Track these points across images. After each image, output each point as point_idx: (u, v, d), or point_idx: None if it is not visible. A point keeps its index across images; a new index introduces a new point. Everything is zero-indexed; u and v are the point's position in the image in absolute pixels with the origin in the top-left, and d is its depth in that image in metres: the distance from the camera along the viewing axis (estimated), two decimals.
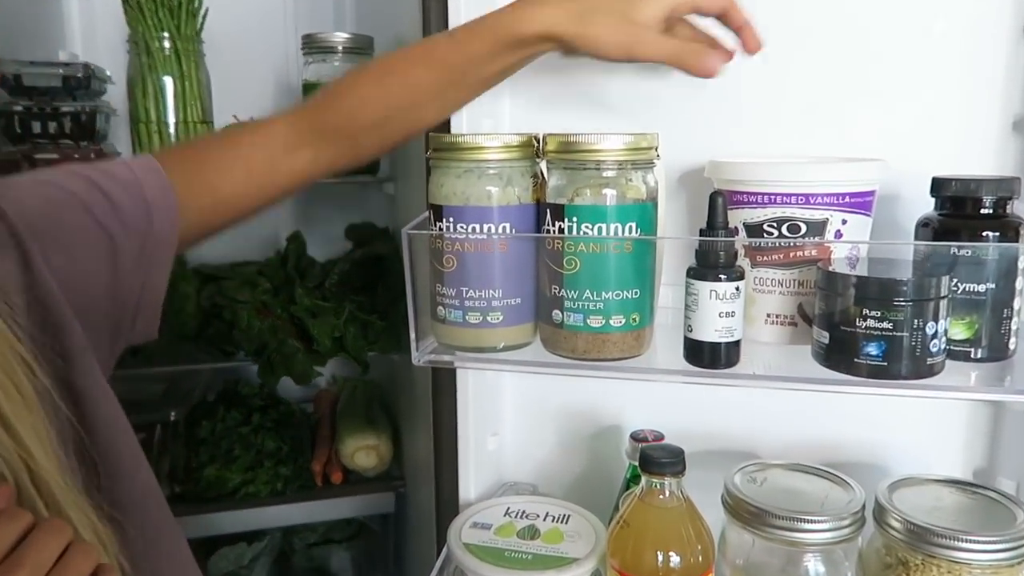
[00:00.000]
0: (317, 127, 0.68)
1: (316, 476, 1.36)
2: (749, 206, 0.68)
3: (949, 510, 0.66)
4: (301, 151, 0.68)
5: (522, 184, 0.66)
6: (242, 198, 0.69)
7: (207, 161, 0.67)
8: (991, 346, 0.63)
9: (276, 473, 1.33)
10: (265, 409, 1.38)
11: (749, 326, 0.70)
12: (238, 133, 0.70)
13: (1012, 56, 0.73)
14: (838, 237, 0.66)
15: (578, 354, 0.65)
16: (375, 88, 0.68)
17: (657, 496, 0.67)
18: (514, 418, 0.91)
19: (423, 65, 0.67)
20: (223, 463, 1.31)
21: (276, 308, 1.25)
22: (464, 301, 0.66)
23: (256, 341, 1.23)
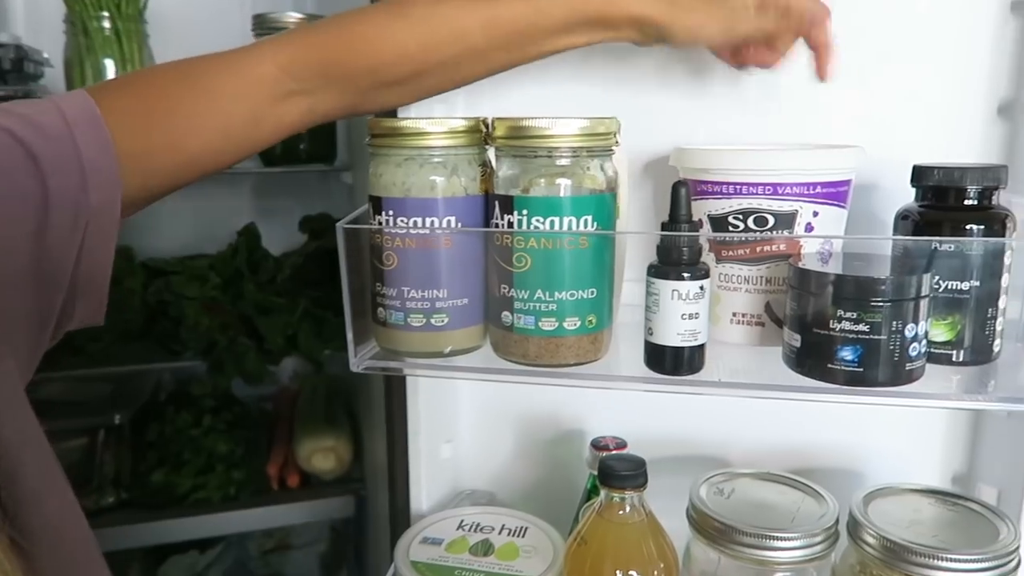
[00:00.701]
0: (323, 73, 0.58)
1: (272, 480, 1.31)
2: (714, 197, 0.62)
3: (928, 523, 0.61)
4: (294, 101, 0.58)
5: (469, 173, 0.61)
6: (213, 156, 0.59)
7: (173, 113, 0.56)
8: (974, 348, 0.58)
9: (229, 477, 1.27)
10: (218, 410, 1.31)
11: (714, 326, 0.65)
12: (213, 76, 0.57)
13: (998, 35, 0.68)
14: (808, 230, 0.60)
15: (529, 359, 0.60)
16: (416, 41, 0.58)
17: (617, 511, 0.62)
18: (470, 423, 0.85)
19: (484, 26, 0.58)
20: (172, 467, 1.25)
21: (226, 304, 1.18)
22: (406, 302, 0.61)
23: (204, 339, 1.17)
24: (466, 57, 0.59)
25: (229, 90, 0.57)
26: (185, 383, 1.40)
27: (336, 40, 0.58)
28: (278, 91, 0.58)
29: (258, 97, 0.58)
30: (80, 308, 0.53)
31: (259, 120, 0.59)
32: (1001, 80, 0.68)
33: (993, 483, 0.71)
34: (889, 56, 0.70)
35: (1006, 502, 0.69)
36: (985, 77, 0.68)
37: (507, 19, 0.58)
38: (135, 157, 0.54)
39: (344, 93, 0.60)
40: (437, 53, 0.58)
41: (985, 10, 0.67)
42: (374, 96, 0.61)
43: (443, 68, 0.59)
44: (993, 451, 0.72)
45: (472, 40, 0.58)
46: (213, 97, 0.57)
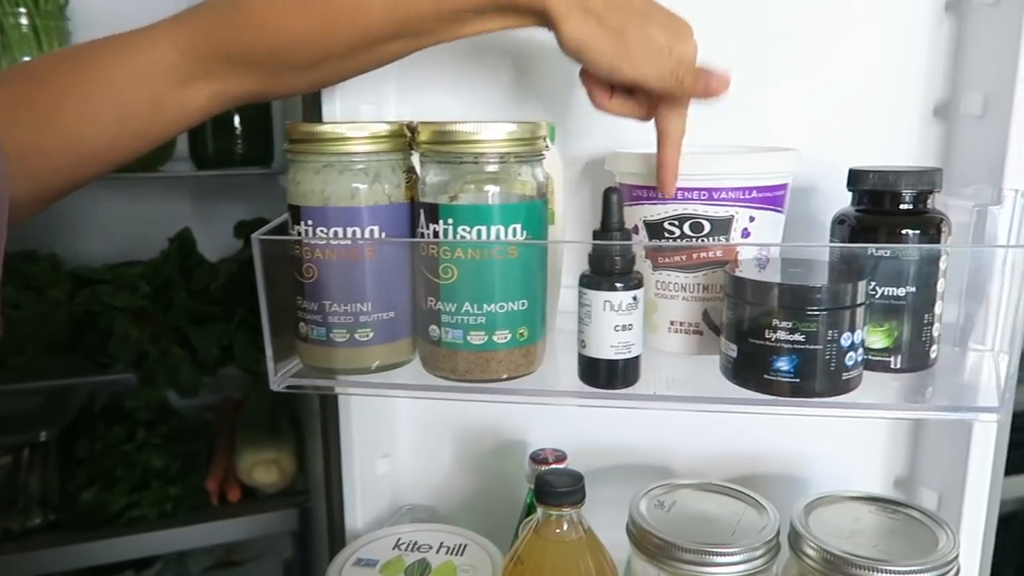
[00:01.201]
0: (220, 54, 0.54)
1: (211, 495, 1.26)
2: (649, 202, 0.60)
3: (868, 533, 0.60)
4: (198, 84, 0.55)
5: (392, 180, 0.58)
6: (114, 148, 0.55)
7: (64, 106, 0.52)
8: (911, 355, 0.57)
9: (165, 493, 1.22)
10: (153, 424, 1.26)
11: (652, 334, 0.63)
12: (108, 63, 0.53)
13: (933, 35, 0.67)
14: (745, 236, 0.59)
15: (459, 375, 0.57)
16: (317, 22, 0.53)
17: (554, 529, 0.59)
18: (408, 437, 0.82)
19: (387, 8, 0.53)
20: (104, 485, 1.19)
21: (156, 314, 1.13)
22: (328, 316, 0.57)
23: (134, 351, 1.11)
24: (370, 39, 0.55)
25: (124, 75, 0.53)
26: (120, 396, 1.34)
27: (232, 22, 0.54)
28: (179, 75, 0.54)
29: (157, 81, 0.54)
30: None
31: (160, 105, 0.55)
32: (937, 81, 0.67)
33: (934, 487, 0.71)
34: (825, 57, 0.69)
35: (947, 506, 0.69)
36: (921, 78, 0.68)
37: (409, 3, 0.54)
38: (24, 155, 0.50)
39: (251, 77, 0.56)
40: (338, 36, 0.54)
41: (920, 10, 0.67)
42: (284, 80, 0.58)
43: (348, 51, 0.56)
44: (933, 455, 0.72)
45: (374, 23, 0.54)
46: (106, 83, 0.53)
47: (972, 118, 0.64)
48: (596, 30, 0.52)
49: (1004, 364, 0.55)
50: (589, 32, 0.52)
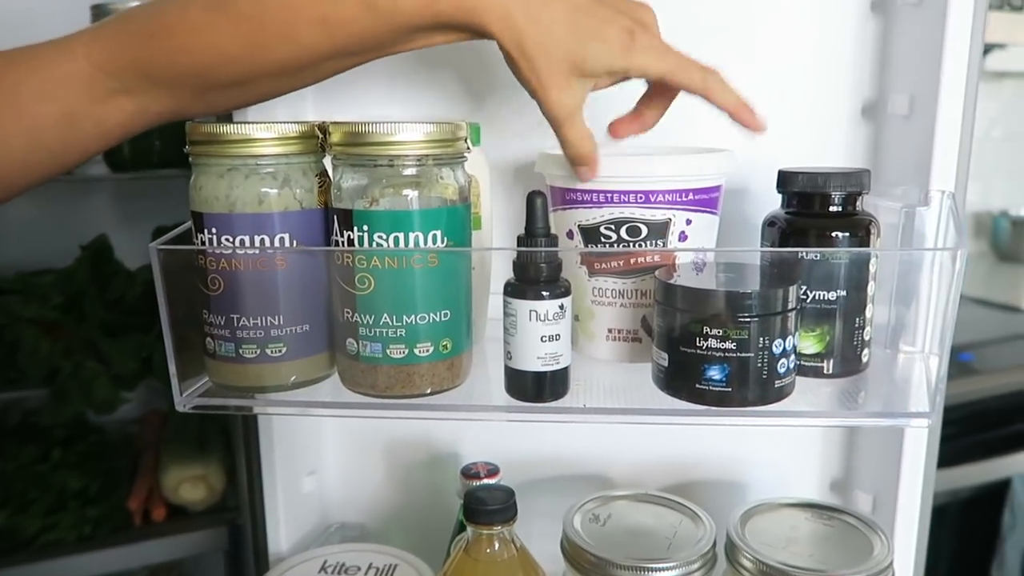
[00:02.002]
0: (143, 73, 0.50)
1: (134, 515, 1.19)
2: (584, 206, 0.58)
3: (804, 541, 0.59)
4: (118, 101, 0.51)
5: (304, 185, 0.54)
6: (20, 167, 0.50)
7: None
8: (843, 359, 0.56)
9: (83, 515, 1.15)
10: (69, 441, 1.19)
11: (589, 342, 0.61)
12: (15, 75, 0.49)
13: (860, 34, 0.66)
14: (682, 239, 0.57)
15: (379, 391, 0.54)
16: (241, 41, 0.49)
17: (485, 549, 0.57)
18: (335, 452, 0.79)
19: (318, 25, 0.49)
20: (16, 508, 1.12)
21: (69, 326, 1.07)
22: (236, 331, 0.54)
23: (45, 365, 1.05)
24: (301, 59, 0.51)
25: (34, 90, 0.49)
26: (33, 413, 1.26)
27: (151, 37, 0.50)
28: (96, 90, 0.50)
29: (70, 97, 0.49)
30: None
31: (75, 123, 0.50)
32: (864, 81, 0.67)
33: (868, 490, 0.71)
34: (752, 56, 0.68)
35: (881, 507, 0.69)
36: (849, 78, 0.67)
37: (341, 20, 0.49)
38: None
39: (173, 94, 0.52)
40: (267, 56, 0.50)
41: (846, 10, 0.66)
42: (210, 98, 0.54)
43: (278, 71, 0.52)
44: (867, 458, 0.72)
45: (304, 41, 0.50)
46: (13, 97, 0.49)
47: (899, 118, 0.64)
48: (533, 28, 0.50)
49: (935, 366, 0.54)
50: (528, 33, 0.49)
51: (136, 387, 1.11)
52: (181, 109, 0.54)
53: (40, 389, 1.14)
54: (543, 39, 0.49)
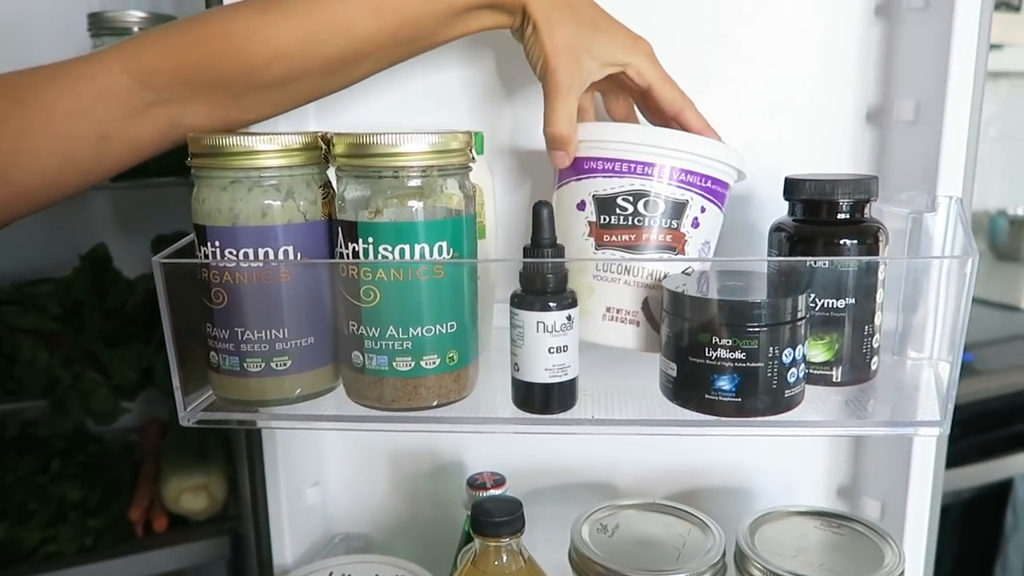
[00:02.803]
0: (186, 79, 0.51)
1: (136, 525, 1.18)
2: (604, 175, 0.56)
3: (814, 550, 0.59)
4: (152, 114, 0.51)
5: (308, 196, 0.54)
6: (51, 186, 0.51)
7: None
8: (852, 367, 0.56)
9: (84, 526, 1.14)
10: (69, 452, 1.18)
11: (585, 322, 0.56)
12: (48, 94, 0.50)
13: (864, 39, 0.66)
14: (695, 225, 0.56)
15: (385, 403, 0.53)
16: (296, 36, 0.51)
17: (493, 561, 0.56)
18: (340, 462, 0.78)
19: (372, 14, 0.52)
20: (16, 520, 1.11)
21: (68, 337, 1.06)
22: (241, 344, 0.53)
23: (44, 377, 1.04)
24: (353, 51, 0.53)
25: (68, 108, 0.49)
26: (32, 424, 1.25)
27: (200, 41, 0.51)
28: (132, 104, 0.50)
29: (105, 113, 0.50)
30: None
31: (108, 139, 0.51)
32: (869, 86, 0.67)
33: (877, 496, 0.70)
34: (758, 61, 0.68)
35: (889, 515, 0.68)
36: (853, 83, 0.67)
37: (394, 7, 0.52)
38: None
39: (214, 102, 0.53)
40: (320, 49, 0.52)
41: (850, 14, 0.66)
42: (250, 103, 0.54)
43: (327, 66, 0.53)
44: (875, 464, 0.71)
45: (358, 31, 0.52)
46: (46, 116, 0.49)
47: (905, 124, 0.63)
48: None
49: (945, 372, 0.54)
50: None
51: (136, 397, 1.11)
52: (215, 119, 0.54)
53: (39, 400, 1.14)
54: (565, 16, 0.55)
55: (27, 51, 1.24)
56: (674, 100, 0.59)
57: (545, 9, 0.55)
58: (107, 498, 1.18)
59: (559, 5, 0.55)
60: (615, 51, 0.56)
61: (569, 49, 0.55)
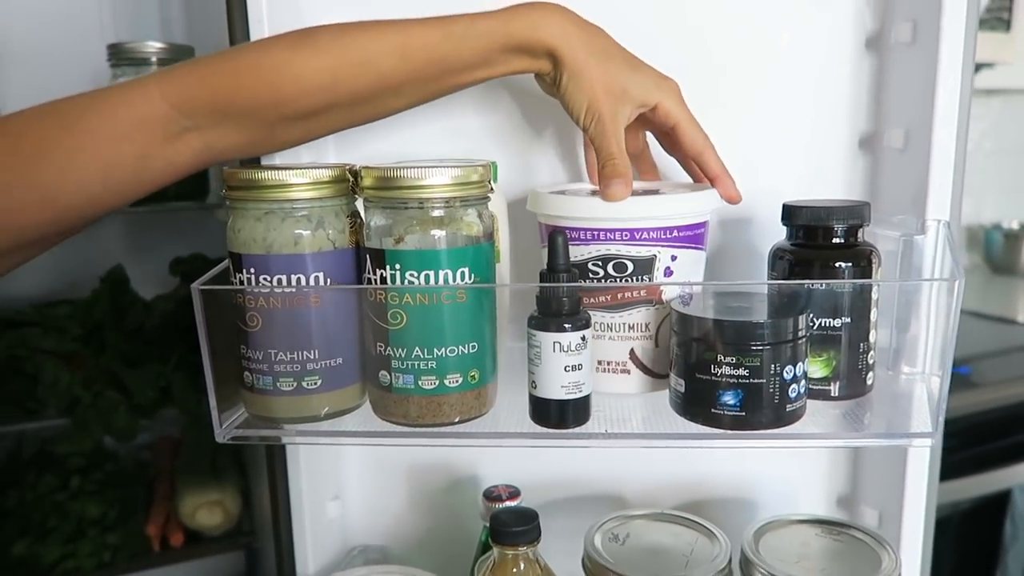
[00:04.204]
0: (219, 108, 0.54)
1: (152, 540, 1.21)
2: (572, 243, 0.59)
3: (815, 557, 0.62)
4: (187, 139, 0.54)
5: (336, 226, 0.57)
6: (94, 206, 0.54)
7: (45, 162, 0.51)
8: (849, 383, 0.59)
9: (103, 542, 1.16)
10: (87, 470, 1.21)
11: None
12: (91, 118, 0.53)
13: (856, 70, 0.70)
14: (668, 275, 0.60)
15: (411, 420, 0.57)
16: (326, 73, 0.55)
17: (511, 569, 0.60)
18: (359, 477, 0.81)
19: (399, 55, 0.55)
20: (36, 537, 1.13)
21: (88, 357, 1.09)
22: (274, 365, 0.56)
23: (65, 397, 1.07)
24: (379, 89, 0.56)
25: (110, 132, 0.52)
26: (49, 442, 1.28)
27: (234, 73, 0.54)
28: (169, 129, 0.54)
29: (145, 137, 0.53)
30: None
31: (147, 162, 0.54)
32: (861, 115, 0.70)
33: (875, 505, 0.73)
34: (757, 92, 0.71)
35: (887, 523, 0.71)
36: (846, 112, 0.71)
37: (421, 46, 0.55)
38: (2, 213, 0.50)
39: (245, 129, 0.56)
40: (347, 84, 0.55)
41: (842, 47, 0.69)
42: (279, 132, 0.58)
43: (354, 101, 0.57)
44: (873, 474, 0.74)
45: (385, 69, 0.55)
46: (90, 140, 0.52)
47: (895, 151, 0.67)
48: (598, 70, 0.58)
49: (936, 386, 0.57)
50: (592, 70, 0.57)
51: (154, 416, 1.14)
52: (245, 144, 0.58)
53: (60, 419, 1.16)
54: (600, 61, 0.58)
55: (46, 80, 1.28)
56: (696, 142, 0.62)
57: (580, 56, 0.57)
58: (124, 514, 1.21)
59: (593, 50, 0.57)
60: (648, 91, 0.60)
61: (609, 93, 0.58)
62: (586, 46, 0.57)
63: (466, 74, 0.58)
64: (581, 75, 0.57)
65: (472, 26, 0.56)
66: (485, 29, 0.56)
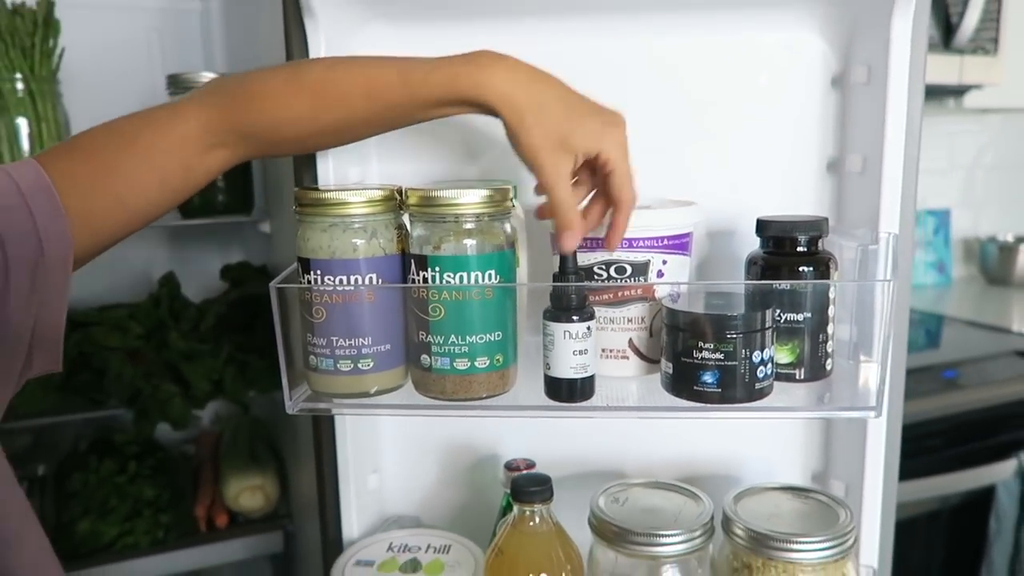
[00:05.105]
0: (234, 128, 0.66)
1: (200, 521, 1.34)
2: (581, 251, 0.71)
3: (786, 516, 0.73)
4: (217, 151, 0.66)
5: (386, 236, 0.70)
6: (154, 207, 0.66)
7: (115, 174, 0.63)
8: (812, 367, 0.71)
9: (156, 521, 1.29)
10: (141, 456, 1.34)
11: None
12: (147, 136, 0.64)
13: (823, 106, 0.82)
14: (659, 276, 0.72)
15: (447, 395, 0.69)
16: (307, 106, 0.65)
17: (528, 523, 0.71)
18: (394, 454, 0.93)
19: (364, 97, 0.65)
20: (98, 515, 1.26)
21: (149, 353, 1.22)
22: (335, 350, 0.69)
23: (129, 388, 1.20)
24: (351, 121, 0.67)
25: (161, 147, 0.64)
26: (104, 431, 1.41)
27: (241, 104, 0.66)
28: (203, 145, 0.66)
29: (187, 151, 0.65)
30: (38, 359, 0.59)
31: (190, 169, 0.66)
32: (828, 142, 0.82)
33: (843, 479, 0.85)
34: (737, 124, 0.83)
35: (852, 493, 0.83)
36: (815, 140, 0.82)
37: (383, 92, 0.65)
38: (83, 217, 0.60)
39: (256, 145, 0.68)
40: (325, 116, 0.66)
41: (811, 85, 0.82)
42: (283, 148, 0.71)
43: (334, 128, 0.68)
44: (841, 452, 0.86)
45: (355, 106, 0.66)
46: (148, 154, 0.64)
47: (855, 174, 0.79)
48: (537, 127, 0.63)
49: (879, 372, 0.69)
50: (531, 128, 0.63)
51: (205, 406, 1.26)
52: (261, 153, 0.70)
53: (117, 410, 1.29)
54: (539, 117, 0.62)
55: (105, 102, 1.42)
56: (621, 192, 0.66)
57: (518, 114, 0.62)
58: (175, 497, 1.33)
59: (532, 107, 0.62)
60: (590, 141, 0.64)
61: (546, 147, 0.63)
62: (527, 102, 0.62)
63: (421, 113, 0.66)
64: (519, 131, 0.63)
65: (426, 77, 0.64)
66: (436, 81, 0.63)
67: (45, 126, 1.21)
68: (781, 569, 0.69)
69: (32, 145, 1.20)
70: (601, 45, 0.82)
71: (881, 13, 0.72)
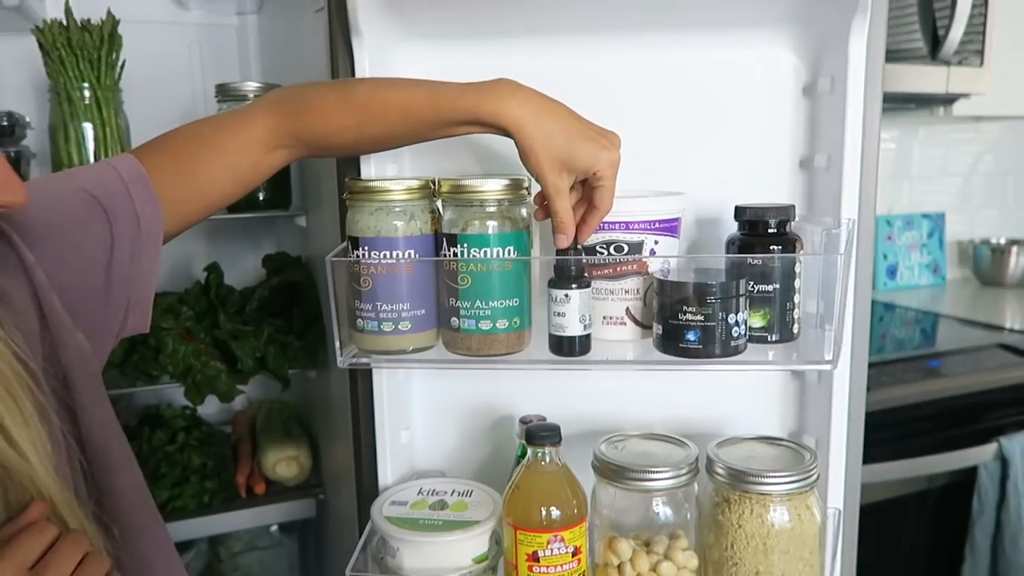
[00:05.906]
0: (293, 133, 0.77)
1: (240, 488, 1.47)
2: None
3: (760, 459, 0.86)
4: (278, 151, 0.78)
5: (422, 218, 0.83)
6: (226, 197, 0.78)
7: (197, 168, 0.74)
8: (781, 331, 0.84)
9: (202, 487, 1.43)
10: (189, 429, 1.48)
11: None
12: (222, 137, 0.76)
13: (795, 111, 0.95)
14: (652, 254, 0.85)
15: (472, 352, 0.82)
16: (352, 121, 0.77)
17: (540, 463, 0.84)
18: (423, 414, 1.07)
19: (401, 114, 0.76)
20: (151, 481, 1.39)
21: (199, 333, 1.36)
22: (379, 314, 0.82)
23: (182, 364, 1.33)
24: (389, 134, 0.79)
25: (234, 146, 0.77)
26: (154, 407, 1.55)
27: (301, 114, 0.78)
28: (268, 146, 0.78)
29: (255, 151, 0.78)
30: (132, 319, 0.70)
31: (257, 166, 0.79)
32: (799, 143, 0.95)
33: (813, 434, 0.97)
34: (721, 127, 0.96)
35: (821, 445, 0.95)
36: (789, 140, 0.95)
37: (416, 113, 0.77)
38: (171, 203, 0.73)
39: (310, 147, 0.81)
40: (368, 129, 0.79)
41: (784, 94, 0.95)
42: (330, 150, 0.84)
43: (373, 138, 0.80)
44: (812, 410, 0.98)
45: (392, 122, 0.78)
46: (223, 152, 0.77)
47: (822, 170, 0.92)
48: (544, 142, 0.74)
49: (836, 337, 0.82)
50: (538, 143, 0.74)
51: (249, 381, 1.40)
52: (313, 155, 0.82)
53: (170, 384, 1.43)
54: (545, 142, 0.74)
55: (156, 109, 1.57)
56: (600, 203, 0.78)
57: (528, 139, 0.73)
58: (218, 466, 1.47)
59: (539, 135, 0.73)
60: (589, 161, 0.75)
61: (552, 167, 0.74)
62: (536, 130, 0.73)
63: (447, 131, 0.77)
64: (529, 154, 0.74)
65: (453, 103, 0.74)
66: (461, 106, 0.74)
67: (109, 131, 1.35)
68: (755, 500, 0.81)
69: (97, 147, 1.34)
70: (606, 61, 0.95)
71: (841, 33, 0.85)
